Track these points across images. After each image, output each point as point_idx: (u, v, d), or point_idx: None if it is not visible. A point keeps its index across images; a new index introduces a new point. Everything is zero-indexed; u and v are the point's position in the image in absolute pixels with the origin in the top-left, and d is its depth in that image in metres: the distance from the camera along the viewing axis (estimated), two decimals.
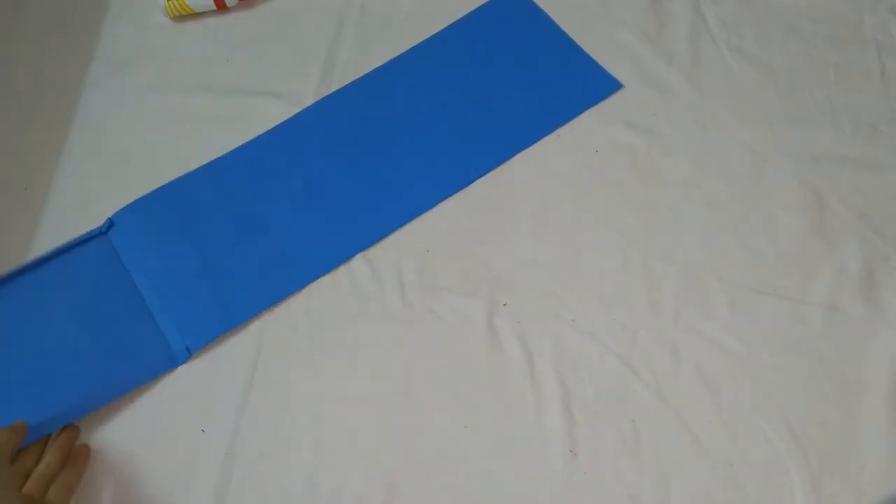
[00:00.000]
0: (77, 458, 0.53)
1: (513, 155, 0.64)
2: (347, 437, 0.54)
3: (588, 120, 0.65)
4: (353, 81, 0.68)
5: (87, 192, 0.64)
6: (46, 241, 0.62)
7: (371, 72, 0.68)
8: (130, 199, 0.63)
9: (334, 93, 0.68)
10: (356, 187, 0.63)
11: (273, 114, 0.66)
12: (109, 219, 0.61)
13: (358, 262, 0.60)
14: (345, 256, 0.60)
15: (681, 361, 0.55)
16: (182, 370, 0.56)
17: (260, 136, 0.65)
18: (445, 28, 0.70)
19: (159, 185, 0.63)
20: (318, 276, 0.59)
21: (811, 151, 0.62)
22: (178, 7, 0.71)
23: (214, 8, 0.72)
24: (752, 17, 0.69)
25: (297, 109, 0.67)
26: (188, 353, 0.56)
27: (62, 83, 0.70)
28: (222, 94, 0.68)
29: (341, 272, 0.59)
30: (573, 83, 0.67)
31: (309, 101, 0.67)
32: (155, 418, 0.55)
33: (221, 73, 0.70)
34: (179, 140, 0.66)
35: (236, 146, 0.65)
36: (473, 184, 0.63)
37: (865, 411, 0.53)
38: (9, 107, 0.69)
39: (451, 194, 0.62)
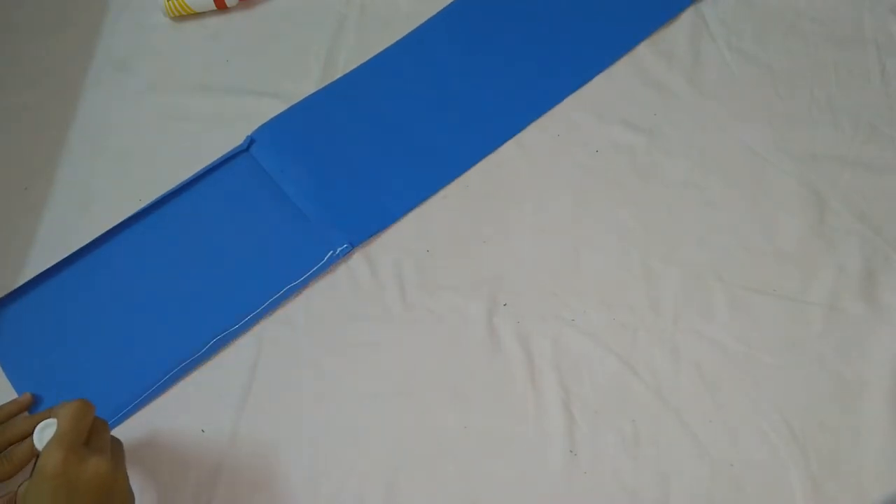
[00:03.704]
0: None
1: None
2: (347, 437, 0.54)
3: (588, 120, 0.65)
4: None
5: (87, 192, 0.64)
6: (46, 241, 0.62)
7: None
8: (130, 200, 0.63)
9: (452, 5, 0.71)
10: (479, 93, 0.67)
11: (273, 114, 0.66)
12: (249, 136, 0.65)
13: (358, 262, 0.60)
14: (474, 159, 0.64)
15: (681, 361, 0.55)
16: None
17: (379, 54, 0.69)
18: None
19: (160, 183, 0.63)
20: (453, 178, 0.63)
21: (811, 151, 0.62)
22: (178, 7, 0.71)
23: (214, 8, 0.72)
24: (752, 17, 0.69)
25: None
26: (350, 247, 0.60)
27: (62, 83, 0.70)
28: (222, 94, 0.68)
29: (341, 272, 0.60)
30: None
31: None
32: (155, 418, 0.55)
33: (221, 73, 0.70)
34: (179, 140, 0.66)
35: (238, 144, 0.65)
36: (473, 183, 0.63)
37: (865, 411, 0.53)
38: (9, 107, 0.69)
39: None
